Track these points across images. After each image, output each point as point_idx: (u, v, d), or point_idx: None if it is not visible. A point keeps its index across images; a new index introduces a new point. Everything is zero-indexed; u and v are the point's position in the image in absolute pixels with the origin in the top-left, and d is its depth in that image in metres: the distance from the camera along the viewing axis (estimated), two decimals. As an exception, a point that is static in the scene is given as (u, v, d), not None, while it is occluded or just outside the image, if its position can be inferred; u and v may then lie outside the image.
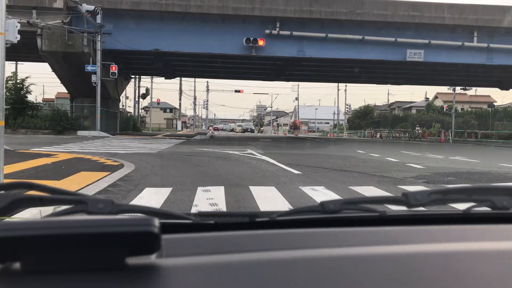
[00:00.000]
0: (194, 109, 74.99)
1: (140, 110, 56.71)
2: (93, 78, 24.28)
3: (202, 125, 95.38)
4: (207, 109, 60.71)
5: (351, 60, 27.34)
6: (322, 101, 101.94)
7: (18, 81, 28.65)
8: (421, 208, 0.94)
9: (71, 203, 0.80)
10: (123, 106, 49.40)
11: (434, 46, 26.19)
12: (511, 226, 0.94)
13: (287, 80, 38.91)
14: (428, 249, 0.77)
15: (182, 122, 69.40)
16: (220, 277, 0.64)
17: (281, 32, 25.41)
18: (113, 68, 24.67)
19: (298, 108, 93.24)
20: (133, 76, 38.53)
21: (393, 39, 25.99)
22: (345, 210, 0.92)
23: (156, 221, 0.61)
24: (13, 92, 27.70)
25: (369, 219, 0.95)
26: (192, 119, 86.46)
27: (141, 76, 41.60)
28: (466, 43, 26.14)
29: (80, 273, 0.60)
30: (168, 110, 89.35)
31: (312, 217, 0.93)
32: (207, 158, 12.51)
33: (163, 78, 39.15)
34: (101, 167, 8.89)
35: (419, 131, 37.61)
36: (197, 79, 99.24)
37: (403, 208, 0.92)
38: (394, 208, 0.96)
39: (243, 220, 0.92)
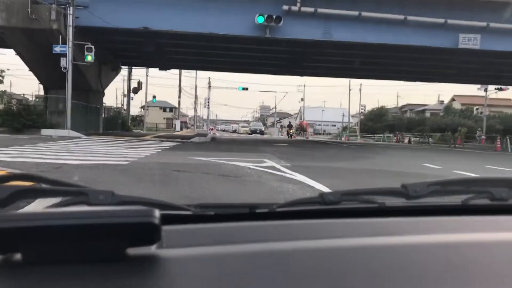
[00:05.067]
0: (195, 108, 69.75)
1: (140, 110, 51.71)
2: (63, 62, 19.04)
3: (203, 125, 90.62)
4: (208, 107, 55.46)
5: (389, 47, 22.03)
6: (327, 102, 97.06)
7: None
8: (420, 200, 0.93)
9: (71, 194, 0.80)
10: (122, 105, 44.50)
11: (493, 30, 20.90)
12: (510, 217, 0.94)
13: (301, 74, 33.47)
14: (427, 240, 0.77)
15: (182, 122, 64.41)
16: (220, 267, 0.65)
17: (303, 9, 20.12)
18: (89, 50, 19.35)
19: (304, 110, 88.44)
20: (123, 67, 33.19)
21: (442, 20, 20.69)
22: (345, 201, 0.92)
23: (157, 212, 0.61)
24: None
25: (368, 211, 0.94)
26: (193, 119, 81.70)
27: (133, 68, 36.23)
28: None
29: (80, 263, 0.60)
30: (168, 109, 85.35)
31: (311, 208, 0.93)
32: (204, 178, 7.34)
33: (158, 69, 33.89)
34: None
35: (482, 137, 32.50)
36: (199, 76, 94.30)
37: (402, 199, 0.92)
38: (394, 199, 0.95)
39: (243, 211, 0.92)
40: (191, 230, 0.82)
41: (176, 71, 45.95)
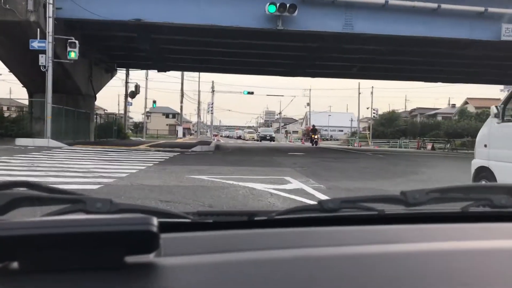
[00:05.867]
0: (198, 114, 67.06)
1: (143, 116, 48.84)
2: (41, 59, 16.26)
3: (207, 131, 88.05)
4: (212, 113, 52.57)
5: (417, 40, 19.22)
6: (332, 107, 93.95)
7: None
8: (420, 207, 0.92)
9: (69, 202, 0.79)
10: (129, 112, 41.83)
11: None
12: (509, 224, 0.93)
13: (313, 75, 30.55)
14: (426, 248, 0.77)
15: (185, 128, 61.75)
16: (219, 276, 0.64)
17: (321, -3, 17.37)
18: (73, 45, 16.58)
19: (310, 115, 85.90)
20: (119, 70, 30.46)
21: (481, 8, 17.84)
22: (344, 208, 0.91)
23: (155, 220, 0.61)
24: None
25: (367, 218, 0.94)
26: (197, 126, 79.07)
27: (131, 70, 33.45)
28: None
29: (78, 272, 0.60)
30: (171, 116, 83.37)
31: (310, 215, 0.92)
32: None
33: (156, 72, 31.11)
34: None
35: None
36: (201, 79, 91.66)
37: (402, 207, 0.91)
38: (393, 207, 0.94)
39: (241, 219, 0.91)
40: (190, 238, 0.81)
41: (178, 74, 43.23)
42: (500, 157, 5.43)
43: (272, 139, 50.50)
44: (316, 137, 32.82)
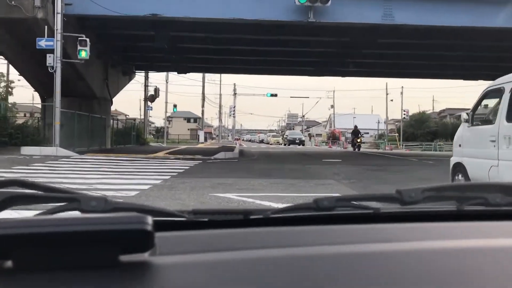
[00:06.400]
0: (220, 118, 65.58)
1: (164, 121, 47.55)
2: (49, 59, 14.78)
3: (228, 135, 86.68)
4: (234, 116, 50.97)
5: (462, 30, 17.13)
6: (356, 109, 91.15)
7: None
8: (415, 205, 0.92)
9: (64, 201, 0.79)
10: (150, 117, 40.16)
11: None
12: (504, 223, 0.94)
13: (343, 74, 28.49)
14: (421, 246, 0.77)
15: (206, 133, 60.47)
16: (214, 274, 0.64)
17: (357, -16, 15.50)
18: (83, 44, 15.07)
19: (334, 117, 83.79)
20: (137, 72, 29.06)
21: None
22: (339, 207, 0.91)
23: (149, 219, 0.61)
24: None
25: (363, 217, 0.94)
26: (218, 130, 77.85)
27: (150, 73, 32.04)
28: None
29: (73, 271, 0.60)
30: (192, 120, 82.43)
31: (306, 214, 0.92)
32: None
33: (176, 74, 29.62)
34: None
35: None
36: (222, 82, 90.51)
37: (397, 205, 0.92)
38: (388, 205, 0.94)
39: (237, 218, 0.91)
40: (185, 236, 0.81)
41: (197, 77, 41.73)
42: (470, 154, 6.45)
43: (301, 143, 47.98)
44: (359, 140, 28.94)
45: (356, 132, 29.58)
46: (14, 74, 29.70)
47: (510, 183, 1.04)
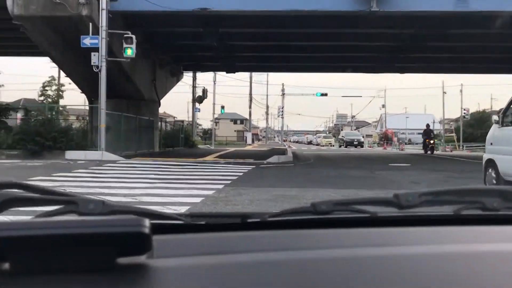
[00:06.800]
0: (267, 119, 64.53)
1: (211, 123, 46.95)
2: (93, 58, 14.05)
3: (275, 137, 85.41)
4: (282, 117, 49.63)
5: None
6: (408, 108, 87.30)
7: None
8: (412, 209, 0.92)
9: (61, 203, 0.80)
10: (198, 119, 39.65)
11: None
12: (502, 227, 0.94)
13: (402, 70, 26.33)
14: (419, 251, 0.78)
15: (253, 134, 59.58)
16: (211, 278, 0.64)
17: (426, -33, 13.83)
18: (129, 41, 14.23)
19: (385, 117, 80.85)
20: (185, 73, 28.31)
21: None
22: (337, 211, 0.92)
23: (147, 222, 0.61)
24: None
25: (360, 220, 0.95)
26: (265, 131, 76.72)
27: (196, 73, 31.27)
28: None
29: (70, 273, 0.60)
30: (238, 121, 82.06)
31: (303, 218, 0.93)
32: None
33: (225, 73, 28.67)
34: None
35: None
36: (269, 82, 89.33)
37: (395, 209, 0.92)
38: (386, 209, 0.94)
39: (234, 221, 0.91)
40: (182, 239, 0.81)
41: (243, 77, 40.75)
42: (501, 152, 7.50)
43: (360, 144, 45.54)
44: (432, 142, 25.54)
45: (428, 132, 25.66)
46: (65, 77, 29.76)
47: (507, 187, 1.04)
